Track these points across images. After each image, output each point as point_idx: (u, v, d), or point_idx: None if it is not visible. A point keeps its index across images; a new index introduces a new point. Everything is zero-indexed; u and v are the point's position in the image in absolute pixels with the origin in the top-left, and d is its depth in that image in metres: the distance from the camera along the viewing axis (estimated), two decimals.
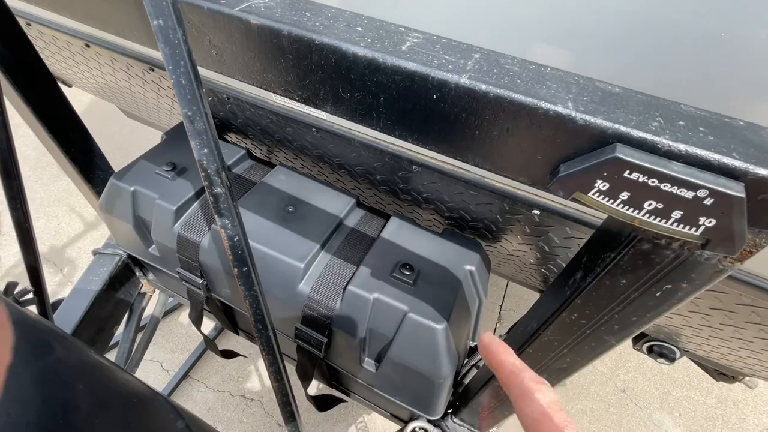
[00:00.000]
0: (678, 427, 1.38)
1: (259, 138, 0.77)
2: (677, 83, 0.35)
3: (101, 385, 0.25)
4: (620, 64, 0.37)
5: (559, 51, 0.39)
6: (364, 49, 0.26)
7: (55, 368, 0.21)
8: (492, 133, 0.25)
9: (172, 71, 0.23)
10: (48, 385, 0.19)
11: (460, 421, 0.66)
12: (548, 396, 0.24)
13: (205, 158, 0.26)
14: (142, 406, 0.31)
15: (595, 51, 0.37)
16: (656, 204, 0.22)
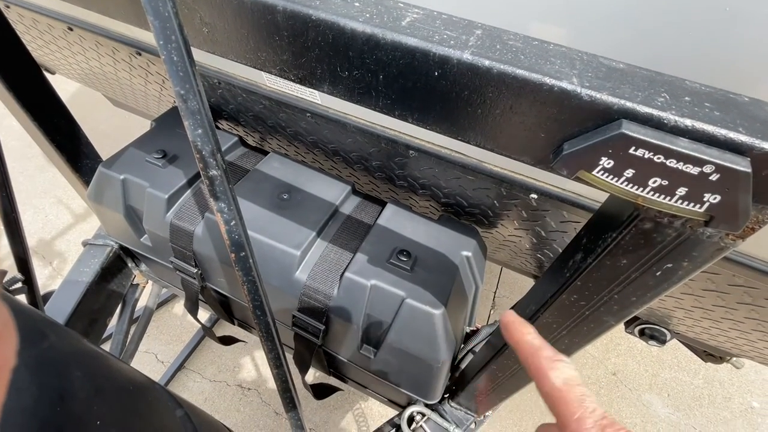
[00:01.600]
0: (666, 407, 1.42)
1: (252, 125, 0.75)
2: (678, 60, 0.34)
3: (98, 373, 0.24)
4: (618, 39, 0.37)
5: (556, 28, 0.39)
6: (362, 24, 0.25)
7: (50, 355, 0.20)
8: (495, 111, 0.25)
9: (163, 46, 0.22)
10: (43, 372, 0.18)
11: (457, 404, 0.67)
12: (566, 372, 0.25)
13: (200, 139, 0.25)
14: (141, 394, 0.31)
15: (593, 26, 0.37)
16: (661, 181, 0.22)
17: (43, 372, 0.19)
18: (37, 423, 0.17)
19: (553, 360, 0.25)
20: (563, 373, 0.25)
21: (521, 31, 0.27)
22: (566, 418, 0.23)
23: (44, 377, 0.19)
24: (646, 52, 0.36)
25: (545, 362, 0.25)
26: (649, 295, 0.31)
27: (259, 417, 1.33)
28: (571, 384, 0.24)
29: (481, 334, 0.78)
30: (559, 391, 0.24)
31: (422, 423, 0.67)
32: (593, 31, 0.37)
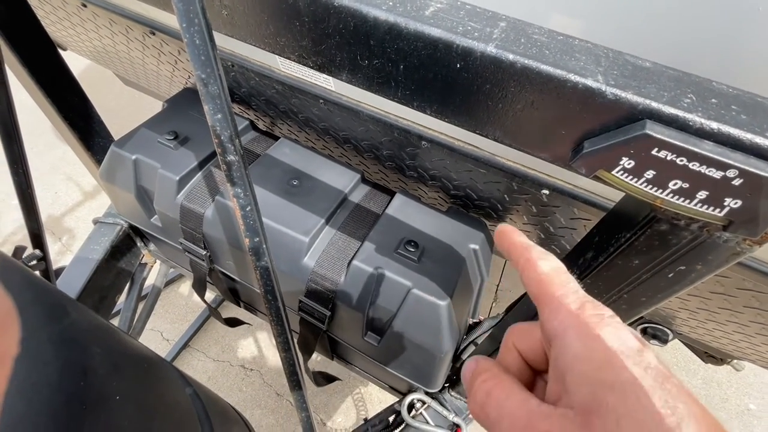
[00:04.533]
0: None
1: (263, 109, 0.75)
2: (705, 59, 0.34)
3: (115, 350, 0.25)
4: (643, 36, 0.36)
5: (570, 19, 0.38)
6: (385, 12, 0.25)
7: (72, 331, 0.20)
8: (516, 106, 0.25)
9: (186, 30, 0.22)
10: (67, 348, 0.19)
11: (457, 394, 0.68)
12: (554, 263, 0.24)
13: (219, 124, 0.25)
14: (154, 371, 0.31)
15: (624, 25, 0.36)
16: (682, 183, 0.22)
17: (67, 347, 0.19)
18: (63, 397, 0.18)
19: (543, 253, 0.25)
20: (552, 263, 0.24)
21: (535, 20, 0.26)
22: (548, 296, 0.23)
23: (68, 352, 0.19)
24: (671, 52, 0.35)
25: (536, 254, 0.25)
26: (660, 296, 0.31)
27: (260, 397, 1.36)
28: (559, 271, 0.24)
29: (484, 326, 0.79)
30: (546, 275, 0.24)
31: (422, 410, 0.68)
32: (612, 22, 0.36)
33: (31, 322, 0.18)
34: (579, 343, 0.20)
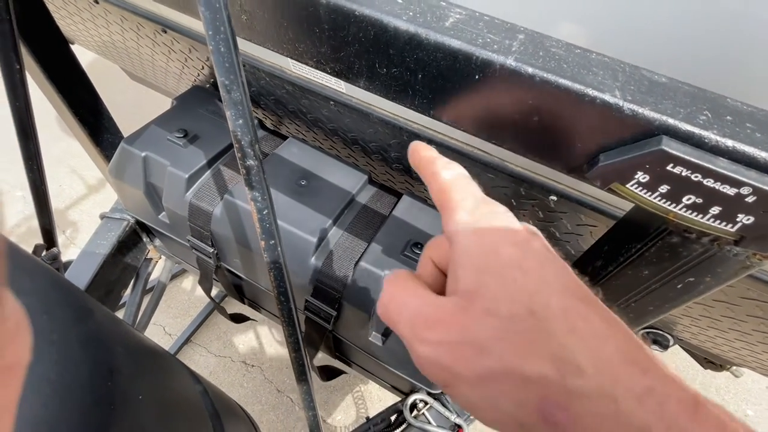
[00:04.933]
0: None
1: (272, 108, 0.75)
2: (711, 71, 0.34)
3: (135, 348, 0.25)
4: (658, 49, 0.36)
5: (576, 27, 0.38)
6: (406, 23, 0.25)
7: (97, 331, 0.21)
8: (533, 118, 0.25)
9: (212, 37, 0.22)
10: (94, 348, 0.19)
11: None
12: (455, 170, 0.25)
13: (240, 129, 0.25)
14: (168, 368, 0.32)
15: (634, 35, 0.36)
16: (695, 199, 0.22)
17: (94, 348, 0.20)
18: (93, 398, 0.18)
19: (448, 163, 0.25)
20: (454, 171, 0.24)
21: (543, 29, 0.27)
22: (449, 202, 0.23)
23: (95, 353, 0.20)
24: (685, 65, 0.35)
25: (439, 165, 0.25)
26: (667, 306, 0.31)
27: (261, 393, 1.37)
28: (460, 177, 0.24)
29: None
30: (447, 183, 0.24)
31: (424, 411, 0.68)
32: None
33: (60, 324, 0.19)
34: (470, 238, 0.21)
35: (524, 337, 0.18)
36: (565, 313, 0.19)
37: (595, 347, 0.18)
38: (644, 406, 0.17)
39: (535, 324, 0.19)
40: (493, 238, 0.21)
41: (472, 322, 0.19)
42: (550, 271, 0.20)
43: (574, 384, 0.17)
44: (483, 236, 0.21)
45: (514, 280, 0.20)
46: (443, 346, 0.20)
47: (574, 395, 0.17)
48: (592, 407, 0.17)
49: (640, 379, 0.18)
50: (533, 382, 0.18)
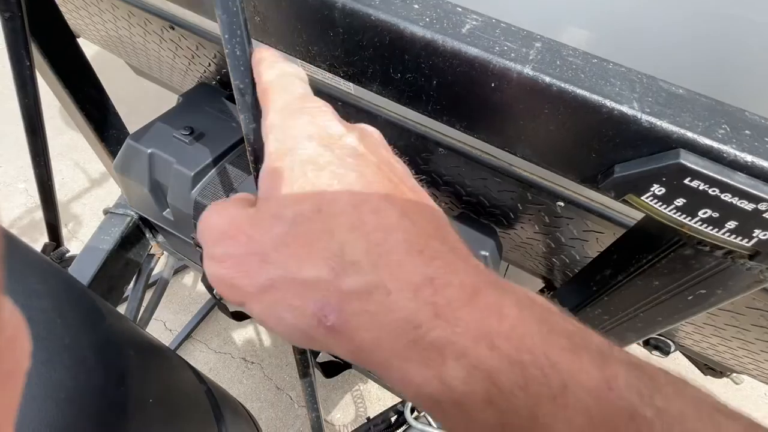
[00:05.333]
0: None
1: None
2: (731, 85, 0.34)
3: (144, 350, 0.25)
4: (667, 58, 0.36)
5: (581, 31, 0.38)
6: (423, 29, 0.25)
7: (109, 335, 0.21)
8: (548, 127, 0.25)
9: (228, 41, 0.22)
10: (107, 353, 0.19)
11: None
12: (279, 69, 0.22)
13: (253, 133, 0.25)
14: (175, 369, 0.32)
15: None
16: (712, 213, 0.22)
17: (106, 352, 0.19)
18: (106, 402, 0.18)
19: (272, 63, 0.22)
20: (278, 70, 0.22)
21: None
22: (267, 103, 0.21)
23: (107, 357, 0.19)
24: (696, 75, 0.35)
25: (263, 66, 0.22)
26: (677, 317, 0.31)
27: (260, 390, 1.37)
28: (283, 77, 0.22)
29: None
30: (268, 83, 0.22)
31: (425, 412, 0.69)
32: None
33: (72, 328, 0.19)
34: (272, 141, 0.20)
35: (305, 239, 0.17)
36: (354, 209, 0.17)
37: (379, 240, 0.17)
38: (418, 295, 0.16)
39: (319, 224, 0.17)
40: (292, 136, 0.19)
41: (258, 231, 0.18)
42: (354, 166, 0.19)
43: (348, 283, 0.16)
44: (284, 135, 0.20)
45: (305, 178, 0.18)
46: (228, 261, 0.18)
47: (346, 294, 0.17)
48: (363, 305, 0.16)
49: (423, 269, 0.17)
50: (309, 286, 0.17)
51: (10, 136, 1.81)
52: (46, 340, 0.17)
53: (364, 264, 0.17)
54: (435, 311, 0.16)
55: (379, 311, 0.16)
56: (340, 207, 0.18)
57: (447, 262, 0.17)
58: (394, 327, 0.16)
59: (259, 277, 0.18)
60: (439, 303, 0.16)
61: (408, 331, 0.16)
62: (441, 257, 0.17)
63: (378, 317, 0.16)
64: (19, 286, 0.18)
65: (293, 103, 0.21)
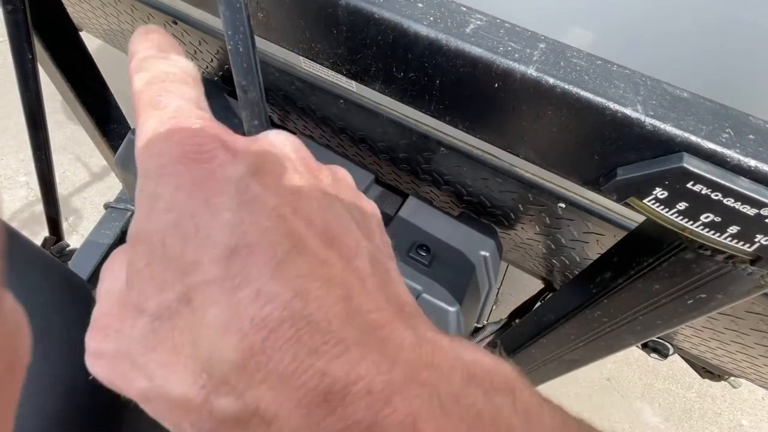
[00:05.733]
0: (656, 416, 1.44)
1: (280, 104, 0.75)
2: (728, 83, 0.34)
3: None
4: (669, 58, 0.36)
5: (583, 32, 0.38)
6: (427, 28, 0.25)
7: None
8: (551, 129, 0.25)
9: (231, 37, 0.22)
10: None
11: None
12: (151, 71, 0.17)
13: (255, 130, 0.25)
14: None
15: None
16: (714, 217, 0.22)
17: None
18: (106, 396, 0.18)
19: (146, 60, 0.18)
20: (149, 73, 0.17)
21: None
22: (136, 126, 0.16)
23: None
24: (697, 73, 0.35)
25: (132, 65, 0.18)
26: (676, 321, 0.31)
27: None
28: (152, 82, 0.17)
29: (486, 330, 0.80)
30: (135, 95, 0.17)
31: None
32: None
33: (72, 323, 0.19)
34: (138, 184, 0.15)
35: (171, 342, 0.13)
36: (229, 297, 0.13)
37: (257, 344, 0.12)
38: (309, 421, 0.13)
39: (186, 320, 0.13)
40: (152, 190, 0.14)
41: (124, 324, 0.14)
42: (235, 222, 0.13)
43: (219, 407, 0.13)
44: (145, 183, 0.15)
45: (165, 253, 0.13)
46: (102, 360, 0.15)
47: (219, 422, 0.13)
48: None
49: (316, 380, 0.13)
50: (180, 406, 0.13)
51: (11, 129, 1.81)
52: (46, 335, 0.17)
53: (237, 382, 0.13)
54: None
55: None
56: (210, 295, 0.13)
57: (352, 358, 0.13)
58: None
59: (132, 386, 0.14)
60: (336, 428, 0.12)
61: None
62: (345, 351, 0.13)
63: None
64: (19, 281, 0.18)
65: (160, 129, 0.15)
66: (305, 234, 0.14)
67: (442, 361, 0.14)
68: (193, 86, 0.18)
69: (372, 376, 0.13)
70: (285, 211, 0.15)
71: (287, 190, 0.16)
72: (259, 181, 0.15)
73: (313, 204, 0.16)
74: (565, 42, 0.25)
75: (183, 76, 0.18)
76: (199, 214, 0.14)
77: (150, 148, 0.15)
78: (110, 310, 0.15)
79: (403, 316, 0.15)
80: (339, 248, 0.15)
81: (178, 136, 0.15)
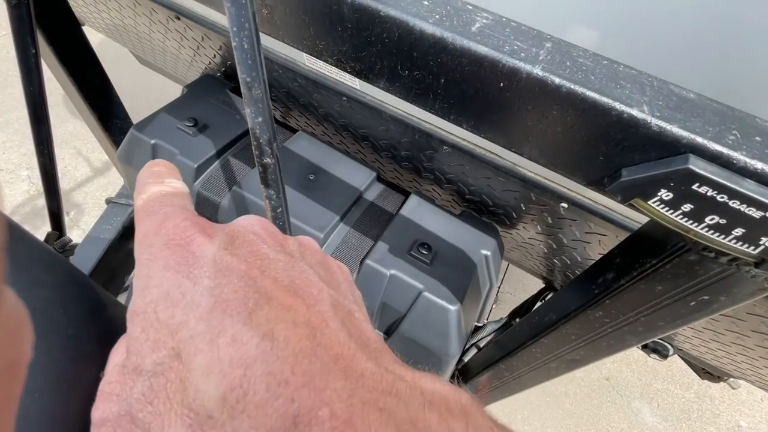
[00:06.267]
0: (655, 417, 1.45)
1: (282, 100, 0.75)
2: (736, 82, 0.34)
3: None
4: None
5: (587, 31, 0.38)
6: (432, 26, 0.25)
7: (111, 328, 0.21)
8: (556, 128, 0.25)
9: (236, 33, 0.22)
10: (108, 344, 0.19)
11: None
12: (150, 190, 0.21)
13: (259, 127, 0.25)
14: None
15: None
16: (719, 219, 0.22)
17: (108, 344, 0.19)
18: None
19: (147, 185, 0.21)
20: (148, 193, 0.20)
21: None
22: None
23: (109, 348, 0.19)
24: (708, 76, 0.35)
25: (138, 185, 0.21)
26: (678, 322, 0.31)
27: None
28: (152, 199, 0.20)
29: (487, 329, 0.80)
30: (136, 210, 0.20)
31: None
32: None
33: (76, 319, 0.19)
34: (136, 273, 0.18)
35: (165, 393, 0.15)
36: (210, 344, 0.15)
37: (235, 381, 0.14)
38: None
39: (177, 372, 0.15)
40: (145, 274, 0.17)
41: (125, 388, 0.16)
42: (211, 288, 0.16)
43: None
44: (140, 271, 0.17)
45: (156, 319, 0.16)
46: (107, 426, 0.16)
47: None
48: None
49: (286, 406, 0.14)
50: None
51: (13, 123, 1.81)
52: (49, 331, 0.17)
53: (220, 415, 0.14)
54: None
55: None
56: (196, 346, 0.15)
57: (317, 386, 0.15)
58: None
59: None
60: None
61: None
62: (311, 381, 0.15)
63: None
64: (22, 276, 0.18)
65: (151, 228, 0.19)
66: (272, 288, 0.17)
67: (401, 390, 0.16)
68: (181, 197, 0.21)
69: (334, 401, 0.14)
70: (254, 273, 0.17)
71: (256, 256, 0.18)
72: (231, 252, 0.18)
73: (279, 265, 0.19)
74: (570, 42, 0.25)
75: (173, 191, 0.21)
76: (184, 284, 0.16)
77: (143, 242, 0.18)
78: (112, 379, 0.17)
79: (366, 350, 0.18)
80: (303, 296, 0.18)
81: (164, 230, 0.18)
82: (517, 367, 0.51)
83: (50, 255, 0.21)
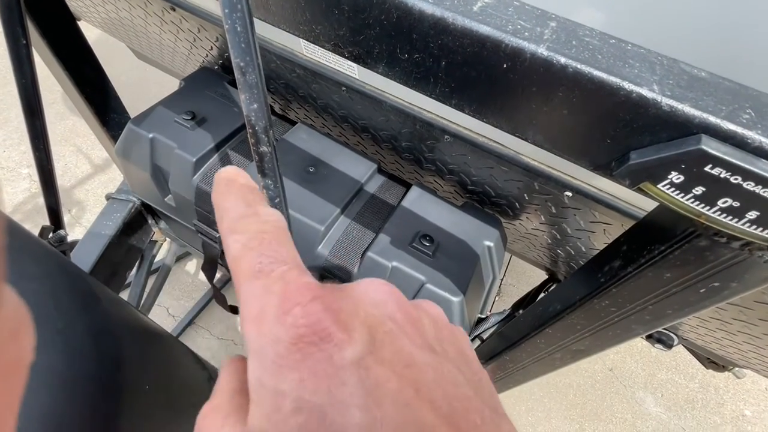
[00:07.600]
0: (659, 407, 1.45)
1: (281, 92, 0.74)
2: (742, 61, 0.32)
3: (142, 335, 0.25)
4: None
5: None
6: (432, 5, 0.24)
7: (104, 320, 0.20)
8: (562, 111, 0.24)
9: (228, 15, 0.21)
10: (102, 338, 0.19)
11: None
12: (243, 235, 0.18)
13: (254, 114, 0.24)
14: (175, 355, 0.32)
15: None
16: (732, 202, 0.21)
17: (101, 337, 0.19)
18: (101, 389, 0.18)
19: (235, 221, 0.18)
20: (242, 237, 0.18)
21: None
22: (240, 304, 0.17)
23: (102, 342, 0.19)
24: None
25: (225, 227, 0.18)
26: (687, 310, 0.30)
27: None
28: (246, 249, 0.17)
29: (490, 321, 0.79)
30: (233, 260, 0.17)
31: None
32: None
33: (67, 312, 0.18)
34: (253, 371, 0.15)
35: None
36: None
37: None
38: None
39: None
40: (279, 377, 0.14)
41: None
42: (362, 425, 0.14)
43: None
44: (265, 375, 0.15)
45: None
46: None
47: None
48: None
49: None
50: None
51: (12, 121, 1.80)
52: (39, 325, 0.16)
53: None
54: None
55: None
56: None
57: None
58: None
59: None
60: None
61: None
62: None
63: None
64: (11, 268, 0.17)
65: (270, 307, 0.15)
66: (432, 421, 0.14)
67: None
68: (287, 242, 0.18)
69: None
70: (408, 395, 0.15)
71: (403, 363, 0.16)
72: (376, 357, 0.15)
73: (429, 376, 0.16)
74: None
75: (277, 234, 0.18)
76: (330, 414, 0.14)
77: (262, 331, 0.15)
78: None
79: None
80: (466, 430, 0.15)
81: (291, 317, 0.15)
82: (521, 358, 0.51)
83: (40, 247, 0.20)
